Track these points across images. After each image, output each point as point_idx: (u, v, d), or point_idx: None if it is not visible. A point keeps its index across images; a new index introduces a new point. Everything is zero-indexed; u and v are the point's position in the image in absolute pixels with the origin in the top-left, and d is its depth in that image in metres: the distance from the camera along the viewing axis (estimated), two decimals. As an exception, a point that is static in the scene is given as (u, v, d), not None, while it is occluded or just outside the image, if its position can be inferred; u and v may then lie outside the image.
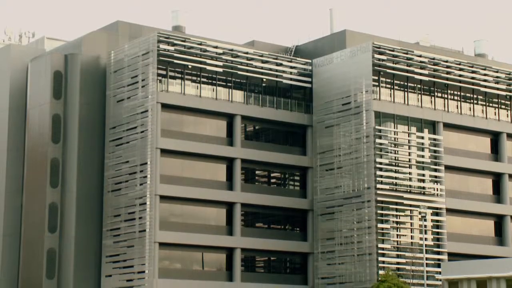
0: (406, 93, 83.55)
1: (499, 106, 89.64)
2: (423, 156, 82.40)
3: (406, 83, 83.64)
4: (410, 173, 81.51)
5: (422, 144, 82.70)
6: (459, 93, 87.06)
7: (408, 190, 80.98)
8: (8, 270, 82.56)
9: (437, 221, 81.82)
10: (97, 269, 79.68)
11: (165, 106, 79.08)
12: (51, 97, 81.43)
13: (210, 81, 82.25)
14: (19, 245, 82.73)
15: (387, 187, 79.75)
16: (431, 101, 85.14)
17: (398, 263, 78.38)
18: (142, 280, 76.23)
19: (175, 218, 79.82)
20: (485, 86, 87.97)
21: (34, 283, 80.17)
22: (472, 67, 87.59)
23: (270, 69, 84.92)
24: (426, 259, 74.57)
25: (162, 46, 78.61)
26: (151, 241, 76.06)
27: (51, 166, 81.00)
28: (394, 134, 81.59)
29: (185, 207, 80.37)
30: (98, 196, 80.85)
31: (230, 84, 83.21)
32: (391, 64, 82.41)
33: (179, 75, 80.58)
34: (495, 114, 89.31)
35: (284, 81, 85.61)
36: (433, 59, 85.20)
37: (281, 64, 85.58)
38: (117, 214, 79.15)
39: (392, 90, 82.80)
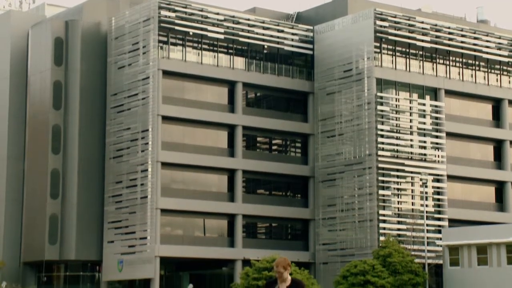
0: (407, 59, 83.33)
1: (501, 72, 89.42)
2: (424, 123, 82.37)
3: (407, 50, 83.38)
4: (411, 140, 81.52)
5: (424, 110, 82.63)
6: (461, 59, 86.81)
7: (409, 157, 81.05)
8: (11, 235, 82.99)
9: (438, 187, 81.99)
10: (99, 235, 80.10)
11: (166, 73, 78.95)
12: (52, 64, 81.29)
13: (211, 47, 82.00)
14: (22, 210, 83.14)
15: (388, 153, 79.82)
16: (433, 67, 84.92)
17: (399, 230, 78.68)
18: (144, 246, 76.65)
19: (176, 185, 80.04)
20: (487, 53, 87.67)
21: (37, 249, 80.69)
22: (474, 33, 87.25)
23: (272, 36, 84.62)
24: (427, 225, 74.86)
25: (163, 12, 78.29)
26: (152, 207, 76.35)
27: (53, 133, 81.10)
28: (396, 101, 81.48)
29: (186, 173, 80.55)
30: (100, 162, 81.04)
31: (231, 51, 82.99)
32: (393, 31, 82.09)
33: (180, 42, 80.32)
34: (497, 81, 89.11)
35: (286, 48, 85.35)
36: (435, 25, 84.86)
37: (282, 31, 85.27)
38: (119, 180, 79.37)
39: (393, 57, 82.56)
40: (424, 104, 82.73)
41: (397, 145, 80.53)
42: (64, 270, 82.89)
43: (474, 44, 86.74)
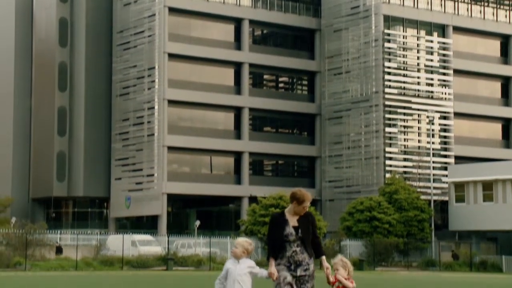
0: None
1: (510, 8, 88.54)
2: (431, 60, 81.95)
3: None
4: (418, 77, 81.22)
5: (431, 48, 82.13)
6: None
7: (416, 94, 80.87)
8: (19, 172, 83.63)
9: (445, 124, 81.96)
10: (106, 172, 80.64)
11: (173, 10, 78.44)
12: (57, 0, 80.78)
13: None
14: (29, 148, 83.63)
15: (395, 91, 79.63)
16: (441, 4, 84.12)
17: (405, 167, 78.93)
18: (151, 183, 77.19)
19: (183, 122, 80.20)
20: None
21: (45, 185, 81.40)
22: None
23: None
24: (433, 162, 75.05)
25: None
26: (159, 145, 76.65)
27: (59, 70, 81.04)
28: (403, 38, 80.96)
29: (193, 111, 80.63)
30: (107, 100, 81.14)
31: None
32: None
33: (186, -22, 79.59)
34: (505, 17, 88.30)
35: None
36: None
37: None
38: (126, 118, 79.56)
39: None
40: (431, 41, 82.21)
41: (404, 82, 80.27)
42: (72, 207, 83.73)
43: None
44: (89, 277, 39.89)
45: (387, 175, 76.35)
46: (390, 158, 78.91)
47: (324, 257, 10.99)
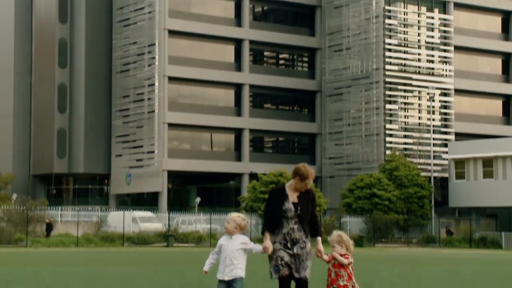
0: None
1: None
2: (432, 37, 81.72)
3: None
4: (419, 54, 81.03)
5: (432, 24, 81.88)
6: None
7: (417, 71, 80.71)
8: (20, 149, 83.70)
9: (445, 101, 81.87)
10: (107, 149, 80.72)
11: (172, -14, 78.12)
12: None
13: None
14: (30, 124, 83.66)
15: (395, 68, 79.48)
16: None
17: (405, 143, 78.97)
18: (151, 160, 77.29)
19: (183, 99, 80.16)
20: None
21: (46, 162, 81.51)
22: None
23: None
24: (433, 139, 75.09)
25: None
26: (160, 121, 76.66)
27: (59, 46, 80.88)
28: (404, 15, 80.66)
29: (193, 88, 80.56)
30: (107, 77, 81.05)
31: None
32: None
33: (186, -46, 79.23)
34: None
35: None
36: None
37: None
38: (126, 95, 79.51)
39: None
40: (432, 18, 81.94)
41: (404, 59, 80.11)
42: (73, 183, 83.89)
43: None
44: (90, 253, 40.08)
45: (387, 152, 76.41)
46: (391, 135, 78.94)
47: (319, 239, 10.42)
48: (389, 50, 79.36)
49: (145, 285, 16.92)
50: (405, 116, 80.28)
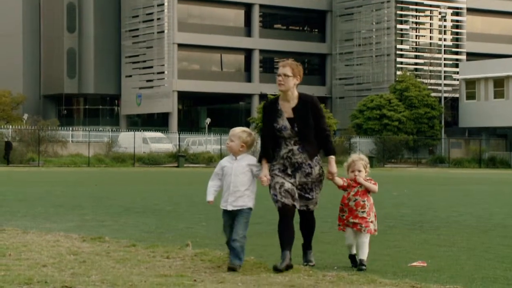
0: None
1: None
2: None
3: None
4: (431, -28, 79.81)
5: None
6: None
7: (429, -10, 79.60)
8: (30, 69, 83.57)
9: (457, 21, 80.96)
10: (117, 69, 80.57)
11: None
12: None
13: None
14: (39, 44, 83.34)
15: (407, -14, 78.43)
16: None
17: (416, 64, 78.50)
18: (161, 80, 77.18)
19: (193, 19, 79.51)
20: None
21: (56, 82, 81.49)
22: None
23: None
24: (444, 59, 74.55)
25: None
26: (169, 42, 76.25)
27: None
28: None
29: (203, 8, 79.82)
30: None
31: None
32: None
33: None
34: None
35: None
36: None
37: None
38: (135, 15, 78.93)
39: None
40: None
41: (416, -23, 78.95)
42: (83, 104, 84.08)
43: None
44: (102, 173, 40.44)
45: (398, 72, 76.05)
46: (401, 55, 78.42)
47: (332, 158, 8.09)
48: (401, -32, 78.16)
49: (155, 202, 17.13)
50: (416, 36, 79.59)
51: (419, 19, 79.64)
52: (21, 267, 7.61)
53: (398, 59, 78.04)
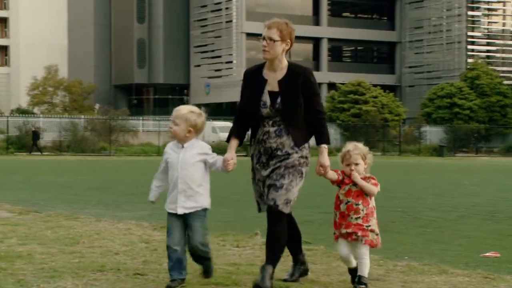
0: None
1: None
2: None
3: None
4: (504, -42, 78.30)
5: None
6: None
7: (501, -24, 78.16)
8: (100, 59, 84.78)
9: (531, 7, 79.32)
10: (185, 59, 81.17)
11: None
12: None
13: None
14: (110, 35, 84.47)
15: (479, -27, 77.12)
16: None
17: (488, 51, 77.19)
18: (230, 70, 77.49)
19: (261, 9, 79.55)
20: None
21: (126, 72, 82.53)
22: None
23: None
24: (517, 46, 73.17)
25: None
26: (238, 31, 76.47)
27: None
28: None
29: (271, -3, 79.87)
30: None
31: None
32: None
33: None
34: None
35: None
36: None
37: None
38: (204, 4, 79.39)
39: None
40: None
41: (488, -37, 77.58)
42: (153, 93, 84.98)
43: None
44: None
45: (469, 60, 74.91)
46: (473, 43, 77.18)
47: (325, 148, 6.24)
48: (473, -46, 76.92)
49: (225, 188, 17.24)
50: (488, 23, 78.25)
51: (491, 5, 78.24)
52: (94, 255, 7.75)
53: (469, 47, 76.84)
